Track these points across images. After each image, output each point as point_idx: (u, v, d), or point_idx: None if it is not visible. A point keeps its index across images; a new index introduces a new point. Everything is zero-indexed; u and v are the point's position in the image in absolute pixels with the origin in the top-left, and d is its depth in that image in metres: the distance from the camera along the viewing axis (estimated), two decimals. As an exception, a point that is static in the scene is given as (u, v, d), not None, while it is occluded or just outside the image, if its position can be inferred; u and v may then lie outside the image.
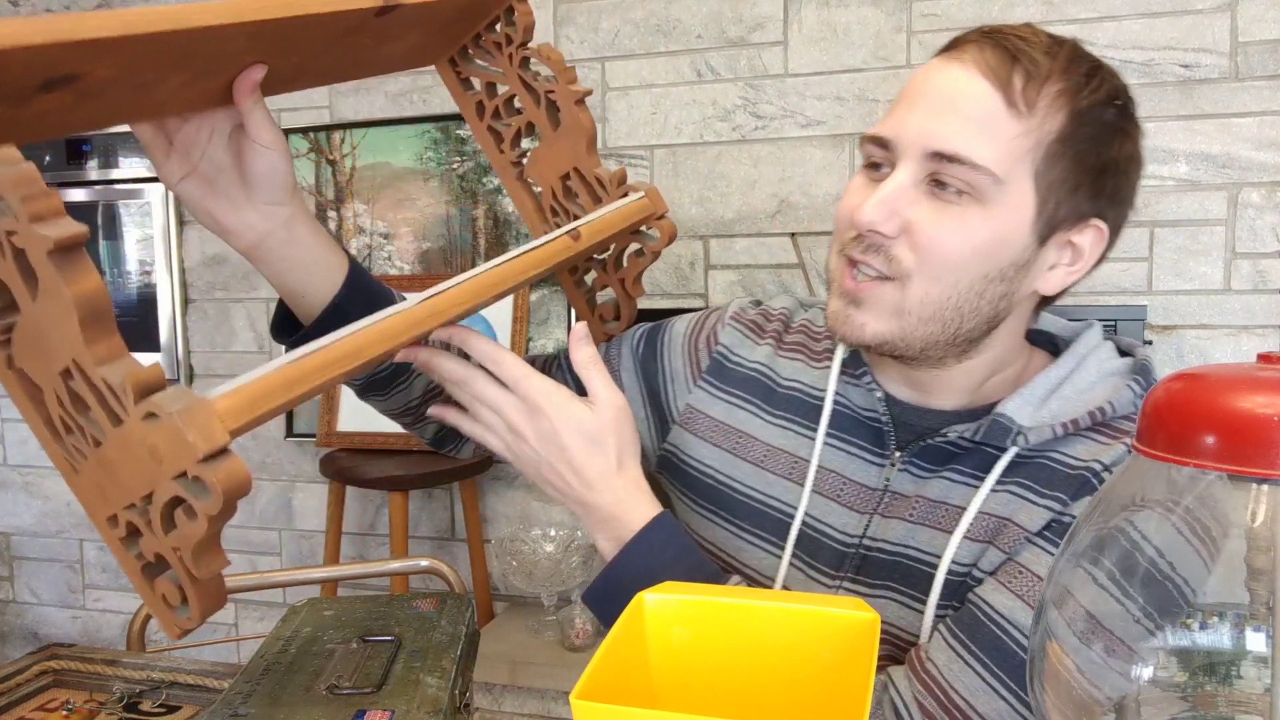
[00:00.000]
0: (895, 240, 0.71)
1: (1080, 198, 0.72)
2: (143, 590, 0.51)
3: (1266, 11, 1.88)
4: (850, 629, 0.53)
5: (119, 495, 0.48)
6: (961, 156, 0.68)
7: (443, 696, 0.71)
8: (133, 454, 0.46)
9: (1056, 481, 0.71)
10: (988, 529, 0.72)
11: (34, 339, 0.46)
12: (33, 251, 0.43)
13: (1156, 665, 0.44)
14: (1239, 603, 0.42)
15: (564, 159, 0.85)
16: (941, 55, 0.73)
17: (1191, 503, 0.40)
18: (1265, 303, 1.94)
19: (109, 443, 0.47)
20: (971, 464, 0.75)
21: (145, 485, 0.47)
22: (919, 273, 0.71)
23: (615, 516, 0.75)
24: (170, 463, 0.46)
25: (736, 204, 2.23)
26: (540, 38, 2.34)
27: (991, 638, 0.68)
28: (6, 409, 2.86)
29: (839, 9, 2.13)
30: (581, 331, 0.76)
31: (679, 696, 0.55)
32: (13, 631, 2.96)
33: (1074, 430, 0.72)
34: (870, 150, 0.74)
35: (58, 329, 0.44)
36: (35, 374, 0.47)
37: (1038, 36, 0.71)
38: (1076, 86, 0.70)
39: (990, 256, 0.71)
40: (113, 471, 0.48)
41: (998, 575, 0.71)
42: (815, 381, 0.85)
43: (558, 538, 2.22)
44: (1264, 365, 0.39)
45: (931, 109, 0.70)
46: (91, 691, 0.97)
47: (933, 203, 0.70)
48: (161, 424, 0.45)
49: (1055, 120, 0.69)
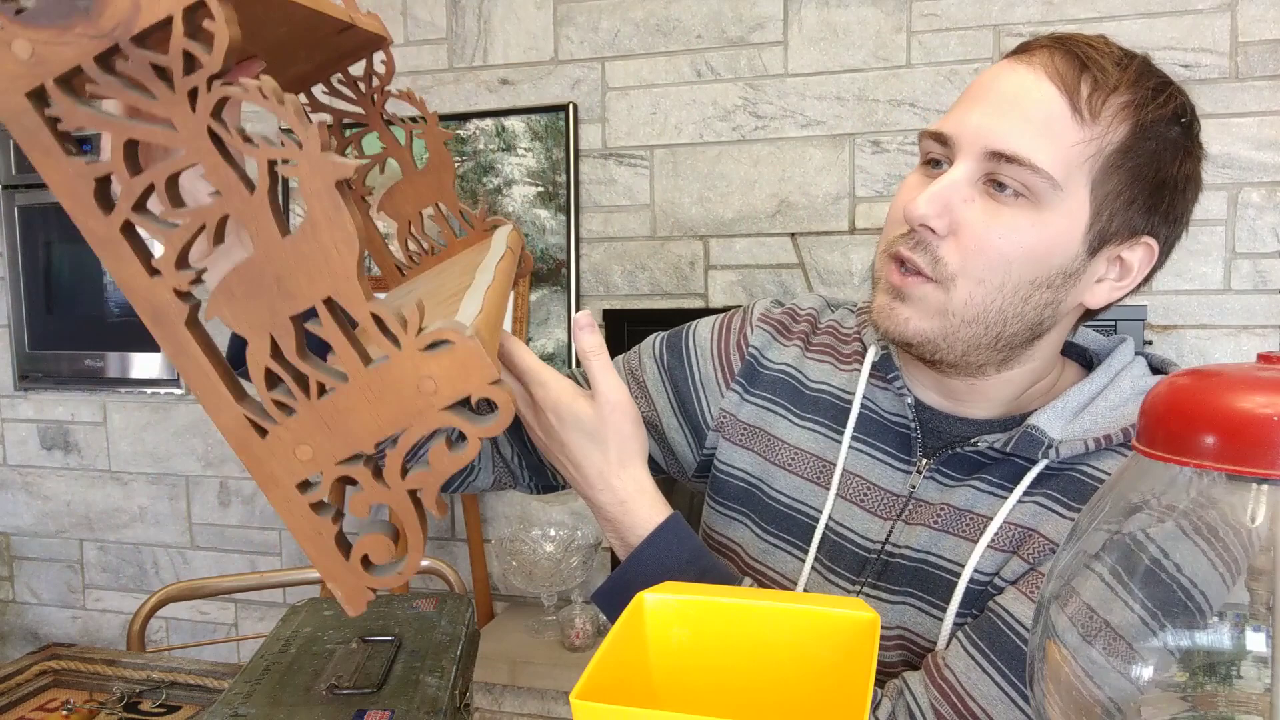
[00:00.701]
0: (943, 240, 0.70)
1: (1134, 212, 0.71)
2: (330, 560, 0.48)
3: (1266, 11, 1.88)
4: (850, 629, 0.53)
5: (338, 448, 0.46)
6: (1021, 157, 0.67)
7: (443, 696, 0.71)
8: (385, 392, 0.45)
9: (1085, 495, 0.71)
10: (1012, 539, 0.72)
11: (261, 281, 0.44)
12: (316, 181, 0.42)
13: (1156, 665, 0.44)
14: (1239, 603, 0.42)
15: (427, 194, 0.90)
16: (1010, 57, 0.72)
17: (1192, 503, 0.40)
18: (1265, 303, 1.94)
19: (353, 384, 0.45)
20: (1000, 474, 0.75)
21: (394, 425, 0.46)
22: (964, 275, 0.70)
23: (617, 519, 0.74)
24: (450, 390, 0.45)
25: (736, 204, 2.23)
26: (540, 38, 2.34)
27: (1011, 647, 0.68)
28: (6, 409, 2.86)
29: (839, 9, 2.13)
30: (585, 319, 0.75)
31: (679, 696, 0.55)
32: (13, 631, 2.96)
33: (1106, 445, 0.72)
34: (929, 146, 0.73)
35: (316, 265, 0.44)
36: (247, 319, 0.45)
37: (1110, 48, 0.70)
38: (1143, 100, 0.69)
39: (1038, 262, 0.70)
40: (338, 420, 0.46)
41: (1019, 585, 0.70)
42: (844, 384, 0.84)
43: (558, 538, 2.22)
44: (1264, 365, 0.39)
45: (994, 108, 0.69)
46: (91, 691, 0.97)
47: (986, 203, 0.70)
48: (455, 349, 0.44)
49: (1118, 131, 0.69)
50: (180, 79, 0.41)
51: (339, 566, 0.48)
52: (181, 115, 0.42)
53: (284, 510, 0.47)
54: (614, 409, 0.74)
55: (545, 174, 2.36)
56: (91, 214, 0.44)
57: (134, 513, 2.81)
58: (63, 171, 0.43)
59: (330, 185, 0.42)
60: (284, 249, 0.44)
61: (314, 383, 0.46)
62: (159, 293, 0.45)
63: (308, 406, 0.46)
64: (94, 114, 0.43)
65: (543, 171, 2.36)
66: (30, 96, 0.42)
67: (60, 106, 0.42)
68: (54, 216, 2.73)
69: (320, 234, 0.43)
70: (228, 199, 0.44)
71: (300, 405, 0.46)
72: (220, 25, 0.40)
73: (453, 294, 0.64)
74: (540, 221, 2.37)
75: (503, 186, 2.40)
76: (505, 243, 0.80)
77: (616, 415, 0.74)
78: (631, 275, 2.33)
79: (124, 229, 0.44)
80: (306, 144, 0.42)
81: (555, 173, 2.34)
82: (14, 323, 2.79)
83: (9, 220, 2.76)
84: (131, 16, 0.41)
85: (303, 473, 0.47)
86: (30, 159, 0.44)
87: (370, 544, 0.48)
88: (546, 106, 2.34)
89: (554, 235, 2.36)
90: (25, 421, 2.86)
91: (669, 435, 0.90)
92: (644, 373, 0.91)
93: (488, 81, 2.39)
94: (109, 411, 2.78)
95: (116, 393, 2.75)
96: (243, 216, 0.44)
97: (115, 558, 2.85)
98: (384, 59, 0.83)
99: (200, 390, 0.46)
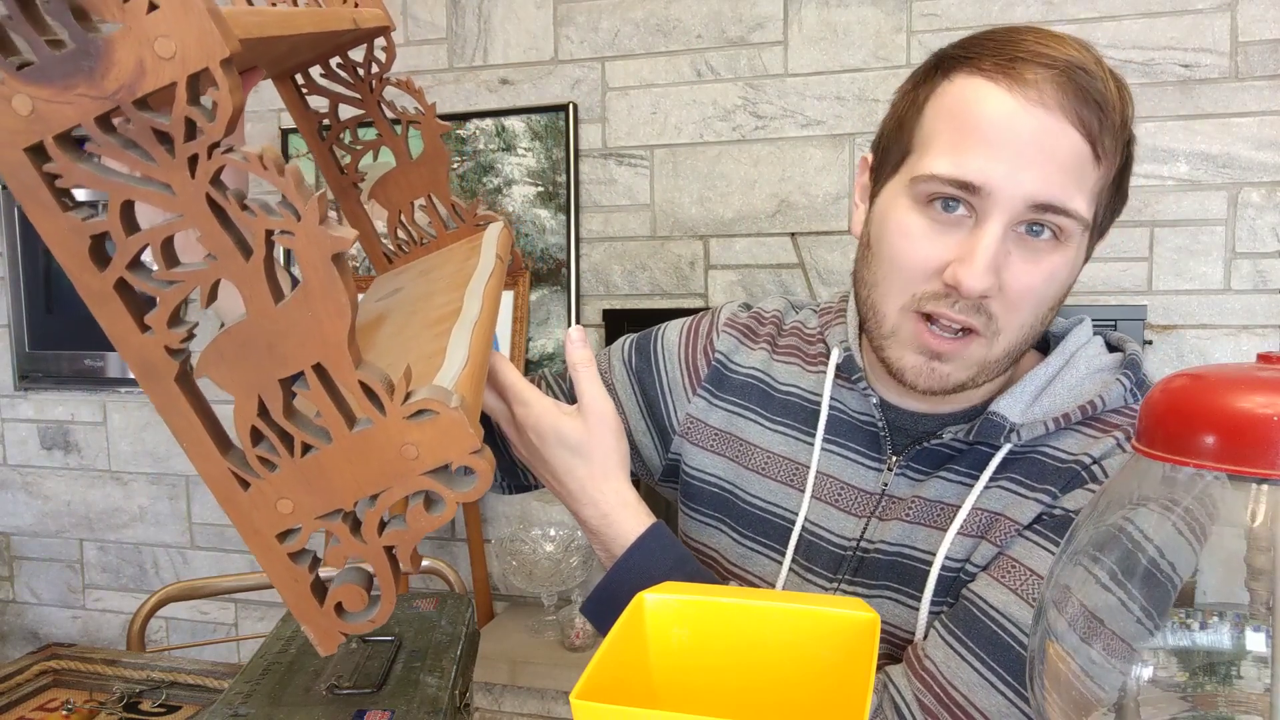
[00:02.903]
0: (992, 299, 0.69)
1: (1111, 215, 0.75)
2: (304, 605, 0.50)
3: (1266, 11, 1.88)
4: (850, 629, 0.53)
5: (318, 503, 0.48)
6: (1066, 208, 0.67)
7: (443, 696, 0.71)
8: (368, 455, 0.47)
9: (1046, 475, 0.72)
10: (980, 524, 0.73)
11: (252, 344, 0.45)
12: (313, 253, 0.43)
13: (1156, 665, 0.44)
14: (1239, 603, 0.42)
15: (420, 185, 0.90)
16: (1004, 86, 0.68)
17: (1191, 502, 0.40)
18: (1265, 303, 1.94)
19: (336, 446, 0.47)
20: (966, 464, 0.76)
21: (374, 485, 0.47)
22: (1009, 326, 0.70)
23: (601, 530, 0.75)
24: (431, 458, 0.46)
25: (736, 204, 2.23)
26: (540, 37, 2.34)
27: (988, 633, 0.69)
28: (6, 409, 2.86)
29: (839, 9, 2.13)
30: (578, 334, 0.77)
31: (679, 696, 0.55)
32: (13, 631, 2.96)
33: (1065, 425, 0.73)
34: (943, 189, 0.69)
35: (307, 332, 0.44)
36: (236, 380, 0.46)
37: (1092, 64, 0.69)
38: (1128, 119, 0.71)
39: (1062, 291, 0.72)
40: (319, 478, 0.47)
41: (990, 570, 0.71)
42: (812, 386, 0.85)
43: (558, 538, 2.22)
44: (1264, 365, 0.39)
45: (1027, 157, 0.67)
46: (91, 691, 0.97)
47: (1022, 251, 0.69)
48: (439, 419, 0.45)
49: (1119, 157, 0.71)
50: (181, 145, 0.42)
51: (313, 611, 0.50)
52: (180, 181, 0.42)
53: (263, 558, 0.49)
54: (599, 420, 0.75)
55: (545, 174, 2.36)
56: (86, 269, 0.44)
57: (134, 513, 2.81)
58: (58, 227, 0.43)
59: (326, 257, 0.43)
60: (277, 316, 0.44)
61: (298, 442, 0.47)
62: (150, 349, 0.45)
63: (290, 464, 0.47)
64: (92, 173, 0.43)
65: (543, 171, 2.36)
66: (28, 152, 0.42)
67: (59, 163, 0.42)
68: (54, 216, 2.74)
69: (314, 303, 0.44)
70: (223, 264, 0.44)
71: (283, 462, 0.47)
72: (224, 95, 0.41)
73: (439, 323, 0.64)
74: (540, 221, 2.37)
75: (503, 186, 2.39)
76: (495, 250, 0.80)
77: (601, 428, 0.75)
78: (631, 275, 2.33)
79: (118, 286, 0.45)
80: (305, 216, 0.42)
81: (555, 173, 2.34)
82: (14, 323, 2.79)
83: (9, 220, 2.76)
84: (136, 80, 0.41)
85: (283, 525, 0.48)
86: (27, 213, 0.44)
87: (345, 594, 0.49)
88: (546, 106, 2.34)
89: (554, 235, 2.36)
90: (25, 421, 2.86)
91: (636, 438, 0.91)
92: (612, 375, 0.92)
93: (488, 81, 2.39)
94: (109, 411, 2.78)
95: (116, 393, 2.75)
96: (238, 281, 0.44)
97: (115, 558, 2.85)
98: (384, 45, 0.83)
99: (187, 443, 0.47)
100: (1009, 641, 0.68)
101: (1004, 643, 0.68)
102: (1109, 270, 1.99)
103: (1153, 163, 1.95)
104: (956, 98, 0.70)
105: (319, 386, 0.46)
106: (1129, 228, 1.96)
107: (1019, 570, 0.70)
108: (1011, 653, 0.68)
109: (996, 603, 0.69)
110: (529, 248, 2.38)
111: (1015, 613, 0.68)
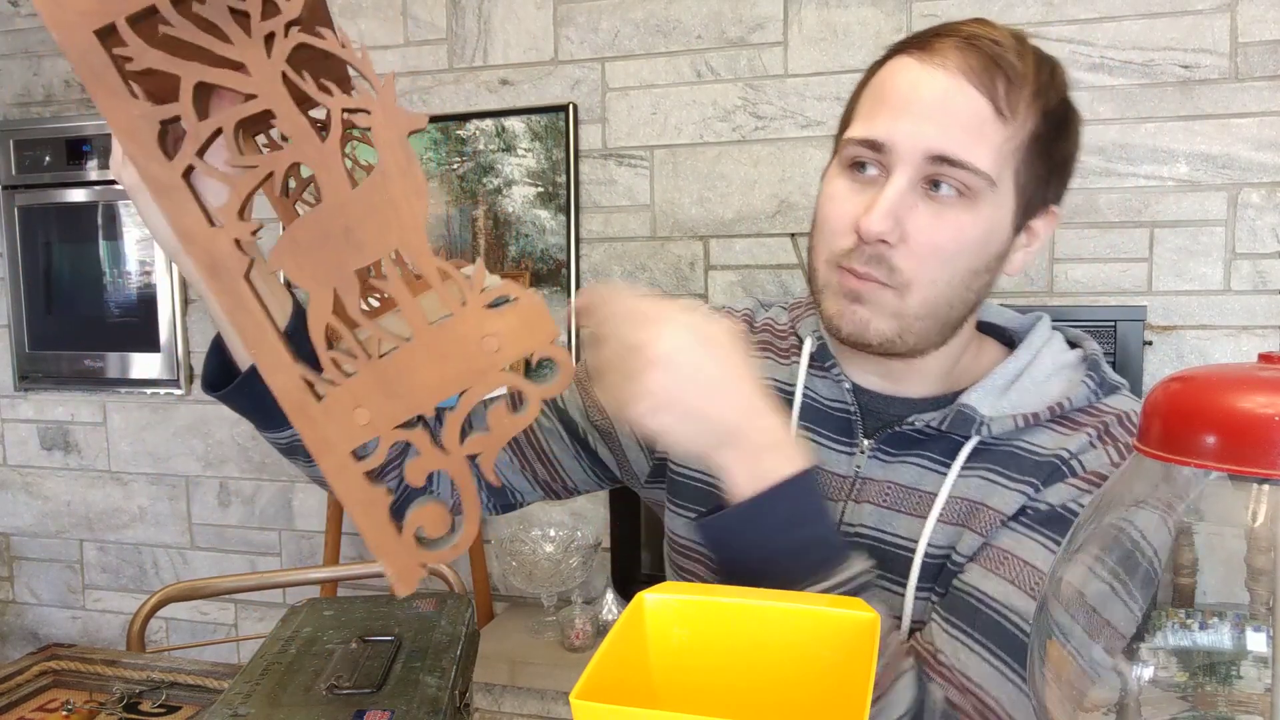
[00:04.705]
0: (895, 249, 0.73)
1: (1046, 189, 0.77)
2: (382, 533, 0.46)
3: (1266, 12, 1.88)
4: (850, 629, 0.53)
5: (397, 409, 0.44)
6: (962, 160, 0.71)
7: (443, 696, 0.71)
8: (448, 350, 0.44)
9: (1026, 468, 0.75)
10: (960, 512, 0.75)
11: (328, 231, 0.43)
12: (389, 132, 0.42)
13: (1156, 665, 0.44)
14: (1239, 603, 0.42)
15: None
16: (916, 57, 0.74)
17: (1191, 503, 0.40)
18: (1265, 303, 1.94)
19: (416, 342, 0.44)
20: (938, 450, 0.78)
21: (456, 384, 0.44)
22: (918, 279, 0.73)
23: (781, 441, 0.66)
24: (514, 348, 0.44)
25: (736, 204, 2.24)
26: (540, 38, 2.34)
27: (990, 622, 0.70)
28: (6, 409, 2.86)
29: (839, 9, 2.13)
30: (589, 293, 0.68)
31: (679, 696, 0.55)
32: (13, 631, 2.96)
33: (1035, 423, 0.76)
34: (858, 152, 0.75)
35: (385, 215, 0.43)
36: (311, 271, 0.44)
37: (1005, 37, 0.74)
38: (1044, 87, 0.74)
39: (979, 253, 0.75)
40: (398, 380, 0.44)
41: (981, 562, 0.73)
42: (785, 378, 0.86)
43: (558, 538, 2.22)
44: (1264, 365, 0.39)
45: (925, 114, 0.72)
46: (91, 692, 0.97)
47: (928, 205, 0.73)
48: (519, 306, 0.43)
49: (1031, 122, 0.73)
50: (258, 23, 0.41)
51: (391, 540, 0.46)
52: (256, 60, 0.42)
53: (336, 478, 0.46)
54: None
55: (545, 174, 2.36)
56: (154, 158, 0.43)
57: (134, 513, 2.81)
58: (127, 113, 0.42)
59: (403, 136, 0.42)
60: (354, 199, 0.43)
61: (376, 340, 0.44)
62: (219, 243, 0.44)
63: (368, 366, 0.44)
64: (165, 55, 0.42)
65: (543, 172, 2.36)
66: (98, 34, 0.41)
67: (132, 46, 0.41)
68: (54, 216, 2.74)
69: (391, 185, 0.43)
70: (299, 147, 0.43)
71: (361, 365, 0.44)
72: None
73: None
74: (540, 222, 2.37)
75: (503, 187, 2.40)
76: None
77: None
78: (631, 276, 2.33)
79: (186, 175, 0.43)
80: (381, 94, 0.42)
81: (555, 173, 2.34)
82: (14, 323, 2.79)
83: (9, 220, 2.76)
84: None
85: (360, 437, 0.45)
86: (94, 99, 0.42)
87: (425, 515, 0.46)
88: (546, 107, 2.34)
89: (554, 235, 2.36)
90: (25, 422, 2.86)
91: (623, 440, 0.91)
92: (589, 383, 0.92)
93: (488, 82, 2.39)
94: (109, 411, 2.78)
95: (116, 393, 2.75)
96: (314, 165, 0.43)
97: (115, 558, 2.84)
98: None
99: (257, 348, 0.44)
100: (1012, 630, 0.69)
101: (1008, 632, 0.69)
102: (1109, 270, 1.99)
103: (1153, 163, 1.95)
104: (881, 77, 0.77)
105: (396, 276, 0.44)
106: (1129, 228, 1.97)
107: (1012, 561, 0.72)
108: (1016, 640, 0.69)
109: (995, 593, 0.70)
110: (529, 248, 2.38)
111: (1015, 602, 0.70)
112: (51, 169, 2.71)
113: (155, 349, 2.68)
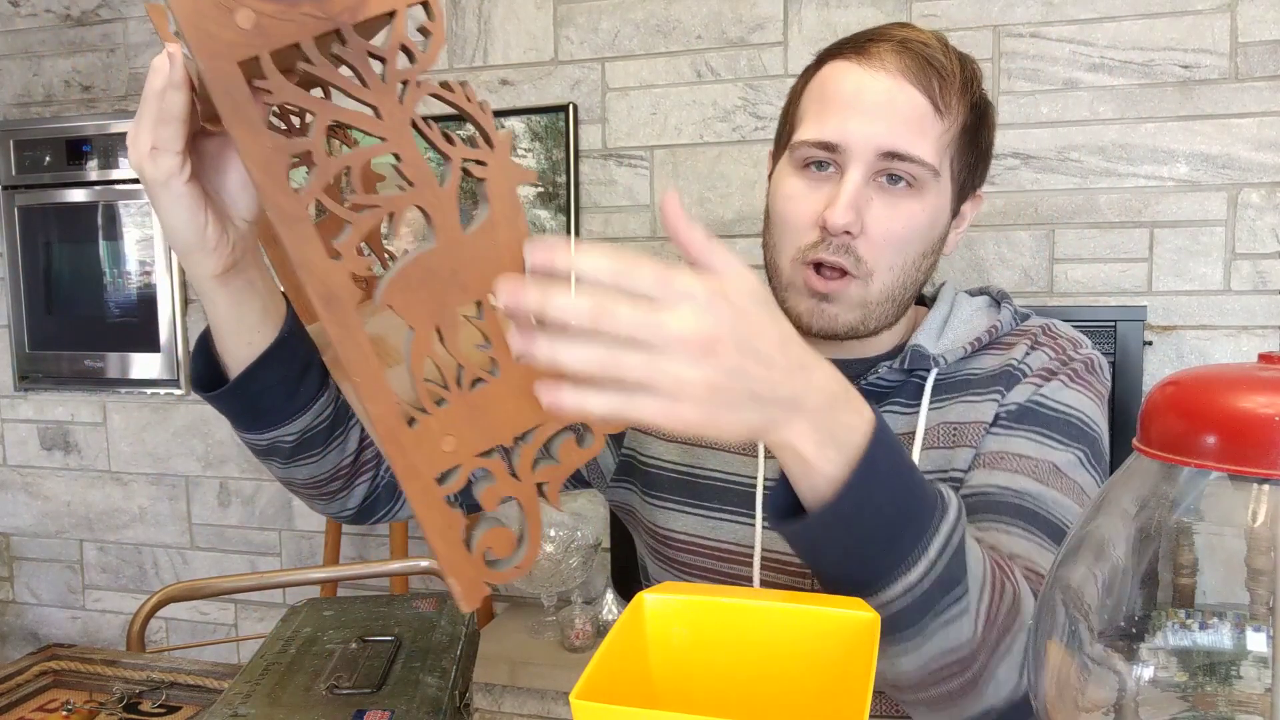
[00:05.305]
0: (857, 240, 0.80)
1: (974, 174, 0.87)
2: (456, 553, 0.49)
3: (1266, 12, 1.88)
4: (850, 629, 0.53)
5: (480, 439, 0.48)
6: (910, 154, 0.79)
7: (442, 696, 0.71)
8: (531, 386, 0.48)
9: (986, 382, 0.84)
10: (948, 435, 0.83)
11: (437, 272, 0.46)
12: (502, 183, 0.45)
13: (1156, 665, 0.44)
14: (1239, 603, 0.42)
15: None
16: (856, 61, 0.82)
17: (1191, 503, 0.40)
18: (1265, 303, 1.93)
19: (503, 378, 0.48)
20: (905, 395, 0.86)
21: (534, 418, 0.49)
22: (879, 267, 0.81)
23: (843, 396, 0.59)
24: None
25: (736, 204, 2.24)
26: (540, 38, 2.34)
27: (1013, 507, 0.75)
28: (6, 409, 2.86)
29: (839, 9, 2.13)
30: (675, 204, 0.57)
31: (679, 696, 0.55)
32: (13, 631, 2.96)
33: (978, 348, 0.86)
34: (812, 153, 0.82)
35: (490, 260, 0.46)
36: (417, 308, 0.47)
37: (933, 40, 0.83)
38: (969, 82, 0.83)
39: (927, 237, 0.83)
40: (484, 412, 0.48)
41: (980, 467, 0.80)
42: None
43: (558, 538, 2.22)
44: (1264, 365, 0.39)
45: (875, 114, 0.79)
46: (91, 692, 0.97)
47: (883, 197, 0.80)
48: None
49: (962, 115, 0.82)
50: (394, 70, 0.43)
51: (463, 560, 0.50)
52: (389, 105, 0.44)
53: (420, 502, 0.49)
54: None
55: (545, 174, 2.36)
56: (283, 190, 0.44)
57: (134, 513, 2.81)
58: (262, 145, 0.44)
59: (514, 189, 0.45)
60: (464, 244, 0.46)
61: (469, 374, 0.48)
62: (336, 276, 0.46)
63: (459, 397, 0.48)
64: (302, 92, 0.44)
65: (543, 172, 2.36)
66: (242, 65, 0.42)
67: (273, 80, 0.43)
68: (54, 216, 2.73)
69: (498, 232, 0.46)
70: (420, 191, 0.46)
71: (452, 396, 0.48)
72: (439, 26, 0.43)
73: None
74: (540, 222, 2.37)
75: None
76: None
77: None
78: (631, 276, 2.32)
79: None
80: (498, 148, 0.45)
81: (555, 173, 2.35)
82: (14, 323, 2.79)
83: (9, 220, 2.76)
84: (359, 4, 0.42)
85: (445, 464, 0.48)
86: (229, 129, 0.43)
87: (494, 538, 0.50)
88: (546, 107, 2.34)
89: (554, 235, 2.36)
90: (25, 422, 2.86)
91: None
92: None
93: (488, 82, 2.39)
94: (109, 412, 2.78)
95: (116, 393, 2.75)
96: (431, 209, 0.46)
97: (115, 558, 2.84)
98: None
99: (361, 377, 0.47)
100: (1031, 508, 0.75)
101: (1028, 509, 0.75)
102: (1109, 270, 1.99)
103: (1152, 163, 1.95)
104: (822, 80, 0.85)
105: (493, 315, 0.47)
106: (1129, 228, 1.96)
107: (1008, 458, 0.79)
108: (1038, 516, 0.74)
109: (1005, 482, 0.77)
110: (529, 248, 2.38)
111: (1023, 485, 0.76)
112: (51, 169, 2.71)
113: (155, 349, 2.68)
